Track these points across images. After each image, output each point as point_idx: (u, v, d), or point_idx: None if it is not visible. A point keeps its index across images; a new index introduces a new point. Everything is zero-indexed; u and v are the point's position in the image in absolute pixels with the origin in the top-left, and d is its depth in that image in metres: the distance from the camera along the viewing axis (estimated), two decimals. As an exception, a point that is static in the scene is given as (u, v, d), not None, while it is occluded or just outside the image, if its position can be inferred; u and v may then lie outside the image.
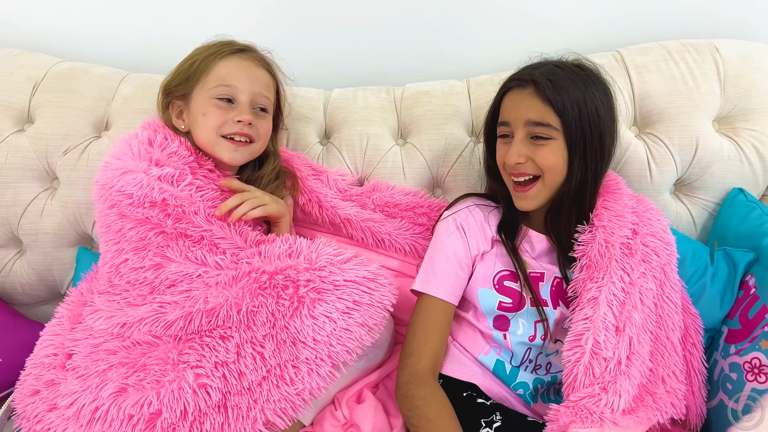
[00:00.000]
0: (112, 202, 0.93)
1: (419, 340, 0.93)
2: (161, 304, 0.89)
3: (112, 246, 0.94)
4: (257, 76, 1.04)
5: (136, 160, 0.94)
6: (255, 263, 0.88)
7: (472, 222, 1.00)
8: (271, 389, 0.84)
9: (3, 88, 1.21)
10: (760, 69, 1.19)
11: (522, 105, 0.94)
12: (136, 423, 0.84)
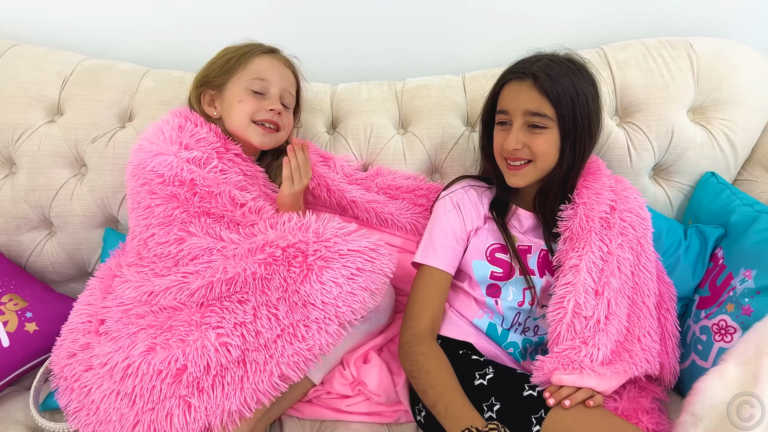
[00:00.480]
0: (144, 180, 1.03)
1: (419, 305, 1.04)
2: (184, 275, 0.99)
3: (142, 221, 1.04)
4: (286, 75, 1.18)
5: (167, 143, 1.05)
6: (269, 236, 0.98)
7: (467, 200, 1.10)
8: (285, 345, 0.94)
9: (35, 82, 1.31)
10: (731, 64, 1.30)
11: (521, 96, 1.03)
12: (165, 377, 0.94)
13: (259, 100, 1.13)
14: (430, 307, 1.04)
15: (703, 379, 0.96)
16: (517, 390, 0.93)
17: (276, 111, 1.12)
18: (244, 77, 1.13)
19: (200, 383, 0.93)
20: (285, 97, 1.16)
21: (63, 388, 1.04)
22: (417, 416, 1.04)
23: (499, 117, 1.07)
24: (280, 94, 1.15)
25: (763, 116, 1.33)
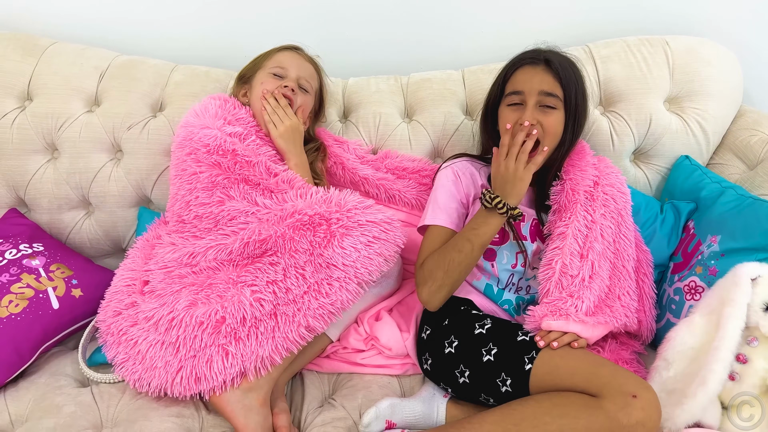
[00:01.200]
0: (191, 150, 1.18)
1: (419, 262, 1.16)
2: (223, 236, 1.13)
3: (186, 185, 1.18)
4: (304, 66, 1.34)
5: (213, 119, 1.20)
6: (298, 204, 1.12)
7: (467, 172, 1.24)
8: (311, 300, 1.08)
9: (75, 76, 1.44)
10: (702, 59, 1.45)
11: (536, 78, 1.15)
12: (206, 328, 1.07)
13: (278, 81, 1.28)
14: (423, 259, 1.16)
15: (674, 329, 1.10)
16: (511, 336, 1.06)
17: (290, 87, 1.27)
18: (268, 66, 1.30)
19: (237, 333, 1.06)
20: (302, 82, 1.31)
21: (110, 343, 1.17)
22: (423, 365, 1.17)
23: (512, 98, 1.17)
24: (297, 77, 1.30)
25: (732, 106, 1.48)
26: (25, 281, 1.23)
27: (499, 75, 1.24)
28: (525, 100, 1.16)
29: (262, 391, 1.09)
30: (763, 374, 1.02)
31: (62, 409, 1.09)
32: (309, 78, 1.33)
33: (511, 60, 1.23)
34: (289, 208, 1.12)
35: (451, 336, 1.11)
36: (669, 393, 1.05)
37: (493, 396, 1.05)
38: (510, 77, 1.21)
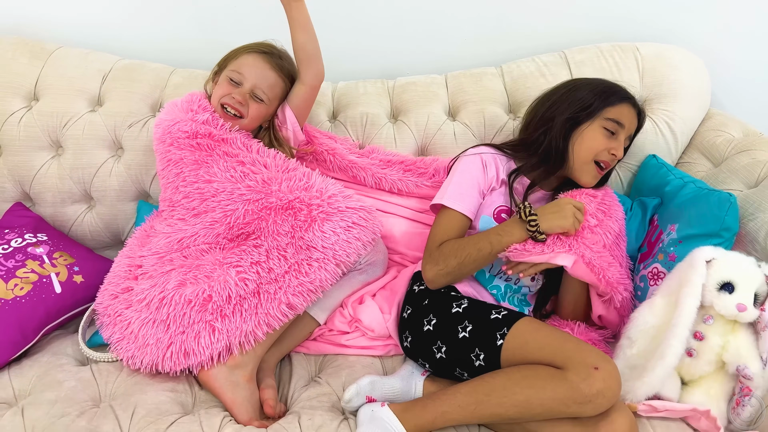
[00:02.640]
0: (171, 140, 1.28)
1: (434, 244, 1.22)
2: (211, 220, 1.21)
3: (174, 170, 1.27)
4: (265, 75, 1.34)
5: (182, 112, 1.30)
6: (282, 191, 1.20)
7: (491, 163, 1.29)
8: (291, 279, 1.15)
9: (79, 78, 1.53)
10: (671, 64, 1.54)
11: (633, 120, 1.32)
12: (194, 305, 1.15)
13: (232, 88, 1.32)
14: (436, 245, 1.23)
15: (637, 310, 1.18)
16: (485, 315, 1.13)
17: (237, 100, 1.31)
18: (230, 67, 1.34)
19: (223, 310, 1.14)
20: (257, 92, 1.32)
21: (107, 324, 1.24)
22: (404, 343, 1.24)
23: (611, 125, 1.27)
24: (252, 88, 1.32)
25: (700, 109, 1.57)
26: (30, 267, 1.31)
27: (594, 92, 1.29)
28: (620, 133, 1.28)
29: (247, 369, 1.16)
30: (718, 350, 1.10)
31: (63, 384, 1.16)
32: (267, 88, 1.33)
33: (617, 88, 1.32)
34: (272, 194, 1.20)
35: (430, 314, 1.18)
36: (632, 368, 1.13)
37: (467, 370, 1.12)
38: (613, 105, 1.28)
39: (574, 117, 1.28)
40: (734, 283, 1.08)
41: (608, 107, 1.27)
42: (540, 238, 1.17)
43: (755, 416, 1.07)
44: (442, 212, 1.26)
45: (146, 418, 1.08)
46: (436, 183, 1.45)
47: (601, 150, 1.27)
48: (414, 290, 1.26)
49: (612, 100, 1.29)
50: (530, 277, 1.31)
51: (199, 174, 1.25)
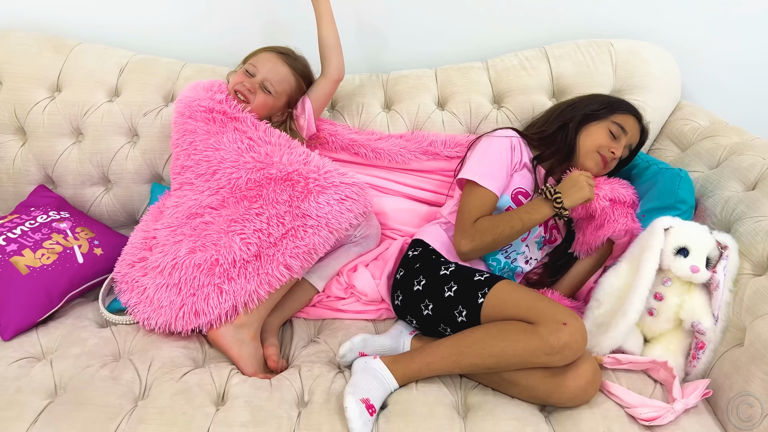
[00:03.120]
0: (190, 113, 1.43)
1: (470, 220, 1.34)
2: (217, 188, 1.35)
3: (188, 138, 1.42)
4: (277, 71, 1.50)
5: (203, 92, 1.46)
6: (282, 163, 1.33)
7: (518, 147, 1.42)
8: (288, 242, 1.28)
9: (98, 70, 1.66)
10: (642, 59, 1.68)
11: (635, 131, 1.47)
12: (203, 269, 1.27)
13: (246, 78, 1.48)
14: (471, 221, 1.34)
15: (605, 275, 1.31)
16: (470, 277, 1.25)
17: (247, 87, 1.47)
18: (249, 62, 1.51)
19: (229, 273, 1.27)
20: (266, 84, 1.48)
21: (124, 290, 1.37)
22: (395, 301, 1.36)
23: (616, 129, 1.44)
24: (262, 80, 1.48)
25: (670, 100, 1.70)
26: (55, 239, 1.44)
27: (607, 101, 1.49)
28: (621, 138, 1.43)
29: (251, 328, 1.29)
30: (676, 309, 1.22)
31: (87, 341, 1.29)
32: (276, 82, 1.49)
33: (628, 103, 1.50)
34: (273, 165, 1.33)
35: (420, 276, 1.31)
36: (598, 326, 1.25)
37: (450, 326, 1.24)
38: (620, 113, 1.46)
39: (587, 116, 1.46)
40: (689, 248, 1.20)
41: (616, 113, 1.45)
42: (564, 214, 1.32)
43: (708, 367, 1.19)
44: (474, 189, 1.36)
45: (162, 369, 1.21)
46: (430, 154, 1.60)
47: (603, 145, 1.42)
48: (408, 255, 1.39)
49: (620, 110, 1.47)
50: (525, 260, 1.46)
51: (210, 143, 1.39)
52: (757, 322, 1.11)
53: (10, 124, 1.63)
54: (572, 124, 1.46)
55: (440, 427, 1.08)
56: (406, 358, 1.19)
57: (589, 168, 1.44)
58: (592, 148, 1.43)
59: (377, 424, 1.09)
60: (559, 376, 1.12)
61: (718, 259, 1.22)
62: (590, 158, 1.44)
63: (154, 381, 1.18)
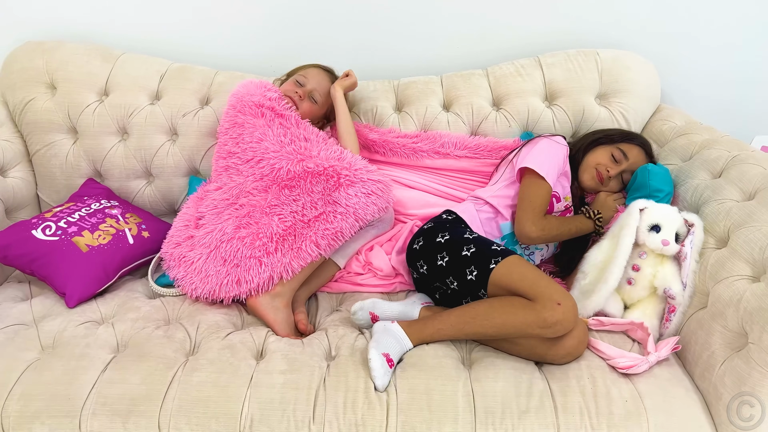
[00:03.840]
0: (240, 107, 1.64)
1: (535, 210, 1.52)
2: (261, 176, 1.55)
3: (237, 130, 1.64)
4: (324, 84, 1.77)
5: (257, 88, 1.68)
6: (319, 158, 1.54)
7: (567, 157, 1.66)
8: (320, 225, 1.48)
9: (141, 77, 1.87)
10: (624, 66, 1.88)
11: (639, 161, 1.67)
12: (246, 244, 1.47)
13: (297, 87, 1.72)
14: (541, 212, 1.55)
15: (590, 250, 1.52)
16: (489, 245, 1.43)
17: (298, 94, 1.71)
18: (299, 74, 1.75)
19: (267, 248, 1.46)
20: (314, 94, 1.74)
21: (173, 266, 1.56)
22: (413, 245, 1.54)
23: (618, 154, 1.65)
24: (311, 90, 1.73)
25: (649, 103, 1.91)
26: (109, 223, 1.64)
27: (624, 133, 1.74)
28: (622, 162, 1.65)
29: (285, 297, 1.48)
30: (650, 278, 1.42)
31: (140, 309, 1.49)
32: (323, 93, 1.76)
33: (640, 137, 1.74)
34: (310, 159, 1.53)
35: (446, 232, 1.50)
36: (583, 294, 1.45)
37: (458, 280, 1.42)
38: (626, 143, 1.68)
39: (599, 139, 1.71)
40: (660, 225, 1.41)
41: (623, 142, 1.68)
42: (600, 231, 1.59)
43: (679, 327, 1.38)
44: (541, 183, 1.55)
45: (208, 330, 1.41)
46: (441, 154, 1.81)
47: (601, 164, 1.65)
48: (442, 217, 1.60)
49: (628, 140, 1.69)
50: (541, 256, 1.68)
51: (256, 134, 1.60)
52: (718, 286, 1.30)
53: (63, 124, 1.83)
54: (587, 143, 1.70)
55: (448, 375, 1.27)
56: (420, 323, 1.38)
57: (584, 180, 1.68)
58: (592, 164, 1.66)
59: (395, 374, 1.28)
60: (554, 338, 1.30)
61: (686, 234, 1.42)
62: (587, 172, 1.67)
63: (202, 339, 1.38)
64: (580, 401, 1.22)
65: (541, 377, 1.28)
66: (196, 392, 1.23)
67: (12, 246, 1.52)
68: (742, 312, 1.20)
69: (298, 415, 1.21)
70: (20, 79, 1.83)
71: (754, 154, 1.52)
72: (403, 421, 1.20)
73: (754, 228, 1.31)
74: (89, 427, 1.20)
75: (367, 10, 1.97)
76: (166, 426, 1.20)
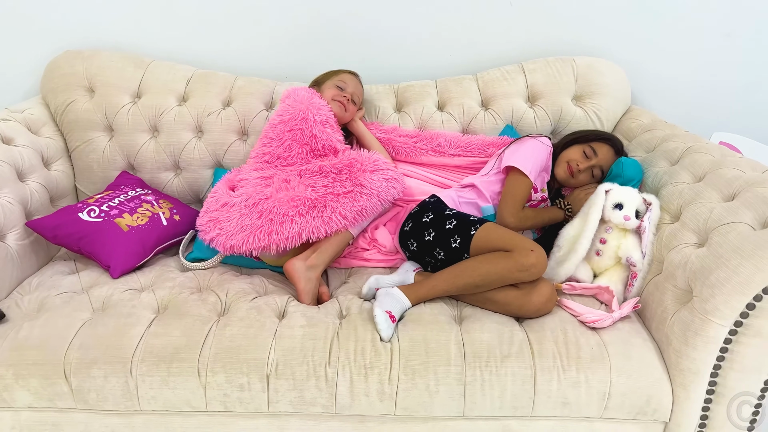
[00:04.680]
0: (288, 126, 1.86)
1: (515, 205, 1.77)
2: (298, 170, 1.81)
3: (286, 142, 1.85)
4: (358, 87, 2.03)
5: (305, 104, 1.87)
6: (346, 156, 1.80)
7: (550, 155, 1.90)
8: (347, 201, 1.71)
9: (170, 81, 2.11)
10: (598, 71, 2.14)
11: (608, 158, 1.87)
12: (281, 203, 1.69)
13: (339, 91, 1.97)
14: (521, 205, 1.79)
15: (564, 228, 1.74)
16: (467, 217, 1.67)
17: (346, 98, 1.96)
18: (335, 80, 1.99)
19: (300, 210, 1.69)
20: (354, 97, 1.99)
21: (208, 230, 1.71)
22: (404, 228, 1.78)
23: (589, 151, 1.86)
24: (352, 93, 1.99)
25: (620, 104, 2.16)
26: (145, 207, 1.87)
27: (598, 133, 1.95)
28: (592, 158, 1.86)
29: (317, 270, 1.69)
30: (615, 249, 1.66)
31: (175, 279, 1.71)
32: (359, 96, 2.04)
33: (612, 138, 1.92)
34: (345, 157, 1.82)
35: (429, 212, 1.74)
36: (558, 263, 1.68)
37: (444, 250, 1.65)
38: (598, 141, 1.89)
39: (576, 138, 1.93)
40: (623, 203, 1.65)
41: (595, 141, 1.89)
42: (570, 218, 1.80)
43: (640, 291, 1.62)
44: (523, 180, 1.79)
45: (236, 295, 1.63)
46: (437, 152, 2.04)
47: (573, 159, 1.87)
48: (425, 200, 1.83)
49: (600, 139, 1.90)
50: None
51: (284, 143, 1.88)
52: (671, 253, 1.54)
53: (101, 123, 2.07)
54: (564, 142, 1.93)
55: (442, 328, 1.50)
56: (416, 285, 1.62)
57: (558, 173, 1.90)
58: (565, 159, 1.89)
59: (397, 329, 1.51)
60: (527, 294, 1.53)
61: (645, 211, 1.66)
62: (561, 167, 1.90)
63: (231, 302, 1.60)
64: (553, 348, 1.45)
65: (521, 329, 1.51)
66: (229, 342, 1.46)
67: (61, 226, 1.75)
68: (689, 272, 1.44)
69: (316, 360, 1.43)
70: (62, 84, 2.07)
71: (706, 145, 1.76)
72: (404, 364, 1.43)
73: (700, 204, 1.54)
74: (139, 371, 1.42)
75: (373, 25, 2.22)
76: (204, 369, 1.42)
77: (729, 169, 1.59)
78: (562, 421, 1.47)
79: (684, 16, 2.21)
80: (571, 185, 1.92)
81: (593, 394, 1.42)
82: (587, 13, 2.20)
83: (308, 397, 1.43)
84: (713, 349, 1.37)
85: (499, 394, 1.42)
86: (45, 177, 1.95)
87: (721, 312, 1.33)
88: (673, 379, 1.43)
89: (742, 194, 1.48)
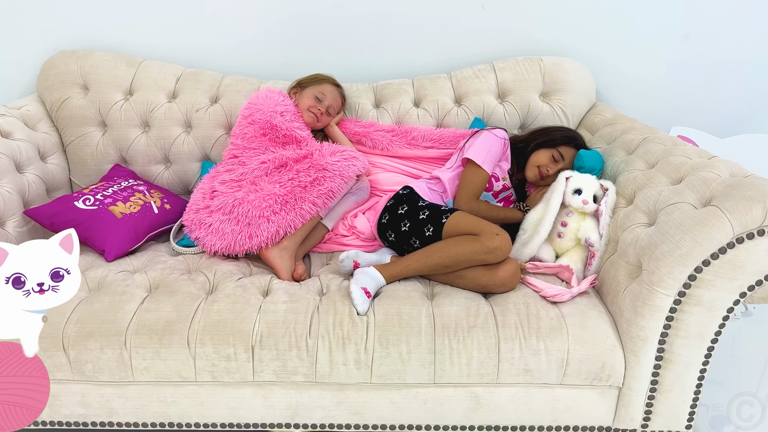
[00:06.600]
0: (251, 120, 1.98)
1: (471, 195, 1.92)
2: (263, 161, 1.91)
3: (241, 131, 1.98)
4: (337, 100, 2.15)
5: (262, 100, 2.01)
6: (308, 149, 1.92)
7: (506, 146, 2.02)
8: (314, 188, 1.83)
9: (160, 79, 2.23)
10: (563, 69, 2.28)
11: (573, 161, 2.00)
12: (255, 206, 1.81)
13: (317, 102, 2.09)
14: (475, 195, 1.93)
15: (529, 213, 1.87)
16: (439, 207, 1.79)
17: (321, 111, 2.08)
18: (316, 88, 2.11)
19: (274, 209, 1.81)
20: (330, 110, 2.12)
21: (193, 229, 1.88)
22: (381, 220, 1.90)
23: (557, 155, 2.00)
24: (328, 106, 2.11)
25: (585, 100, 2.30)
26: (137, 196, 1.98)
27: (564, 135, 2.06)
28: (560, 162, 2.01)
29: (290, 250, 1.82)
30: (576, 231, 1.79)
31: (166, 262, 1.83)
32: (336, 107, 2.16)
33: (578, 139, 2.06)
34: (307, 142, 1.94)
35: (404, 205, 1.86)
36: (522, 245, 1.82)
37: (419, 239, 1.78)
38: (564, 146, 2.02)
39: (544, 142, 2.05)
40: (582, 189, 1.78)
41: (563, 145, 2.02)
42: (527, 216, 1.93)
43: (598, 269, 1.75)
44: (478, 170, 1.93)
45: (224, 275, 1.74)
46: (412, 145, 2.17)
47: (543, 164, 2.01)
48: (399, 193, 1.94)
49: (567, 143, 2.03)
50: None
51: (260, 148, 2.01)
52: (624, 233, 1.67)
53: (95, 118, 2.18)
54: (533, 144, 2.06)
55: (415, 303, 1.62)
56: (391, 264, 1.74)
57: (529, 176, 2.05)
58: (535, 164, 2.04)
59: (372, 303, 1.63)
60: (493, 269, 1.66)
61: (602, 196, 1.79)
62: (531, 171, 2.04)
63: (219, 282, 1.72)
64: (515, 319, 1.58)
65: (486, 303, 1.64)
66: (217, 316, 1.57)
67: (58, 214, 1.85)
68: (638, 248, 1.57)
69: (297, 331, 1.55)
70: (57, 81, 2.18)
71: (660, 136, 1.91)
72: (379, 334, 1.55)
73: (651, 188, 1.68)
74: (132, 342, 1.53)
75: (354, 28, 2.35)
76: (193, 341, 1.54)
77: (678, 156, 1.73)
78: (526, 388, 1.60)
79: (646, 18, 2.36)
80: (539, 185, 2.07)
81: (553, 361, 1.54)
82: (555, 15, 2.35)
83: (290, 366, 1.55)
84: (660, 317, 1.50)
85: (467, 361, 1.54)
86: (42, 169, 2.06)
87: (665, 282, 1.46)
88: (625, 346, 1.56)
89: (687, 178, 1.61)
